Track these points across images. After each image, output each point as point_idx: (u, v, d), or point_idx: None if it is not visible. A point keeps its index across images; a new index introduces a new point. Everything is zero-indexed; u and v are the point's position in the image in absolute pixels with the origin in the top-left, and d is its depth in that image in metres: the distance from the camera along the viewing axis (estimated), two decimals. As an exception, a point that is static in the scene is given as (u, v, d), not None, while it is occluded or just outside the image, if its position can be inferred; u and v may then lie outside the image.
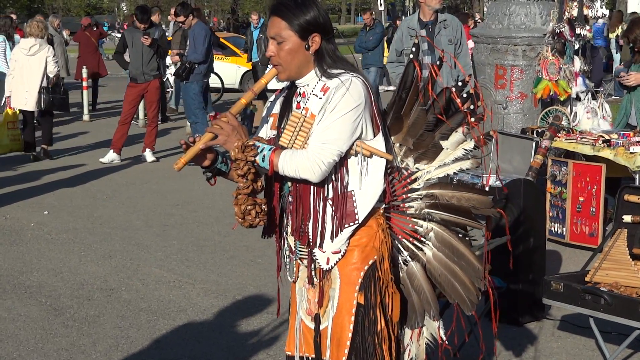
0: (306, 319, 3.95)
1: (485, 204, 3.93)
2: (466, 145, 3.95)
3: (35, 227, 9.69)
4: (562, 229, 8.51)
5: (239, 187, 3.72)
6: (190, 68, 13.63)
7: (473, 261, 3.93)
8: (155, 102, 13.91)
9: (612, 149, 8.29)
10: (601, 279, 5.86)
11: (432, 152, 3.97)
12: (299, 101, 3.81)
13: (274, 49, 3.74)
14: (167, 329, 6.61)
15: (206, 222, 9.88)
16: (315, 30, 3.71)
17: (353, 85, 3.65)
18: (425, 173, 3.96)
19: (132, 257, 8.48)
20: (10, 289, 7.55)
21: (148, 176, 12.68)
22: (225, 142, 3.70)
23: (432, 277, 3.96)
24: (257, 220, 3.74)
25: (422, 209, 3.93)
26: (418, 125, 3.95)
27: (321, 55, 3.75)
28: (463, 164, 3.96)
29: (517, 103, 10.26)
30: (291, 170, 3.66)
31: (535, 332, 6.50)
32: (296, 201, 3.80)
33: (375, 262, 3.81)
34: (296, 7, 3.71)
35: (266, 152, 3.69)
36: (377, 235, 3.81)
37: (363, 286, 3.80)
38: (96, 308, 7.05)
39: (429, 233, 3.95)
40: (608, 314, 5.61)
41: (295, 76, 3.79)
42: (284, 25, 3.71)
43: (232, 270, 8.03)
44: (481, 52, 10.66)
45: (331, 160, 3.64)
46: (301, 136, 3.71)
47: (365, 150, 3.72)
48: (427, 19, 9.85)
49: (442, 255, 3.94)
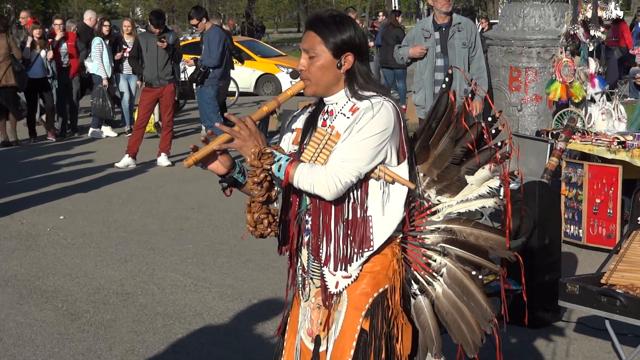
0: (306, 340, 3.85)
1: (501, 245, 3.83)
2: (491, 182, 3.83)
3: (51, 231, 9.72)
4: (578, 231, 8.49)
5: (253, 194, 3.64)
6: (205, 72, 13.64)
7: (482, 302, 3.82)
8: (171, 107, 13.93)
9: (627, 150, 8.26)
10: (617, 280, 5.84)
11: (456, 185, 3.87)
12: (325, 119, 3.73)
13: (305, 63, 3.68)
14: (183, 333, 6.62)
15: (222, 225, 9.89)
16: (350, 49, 3.64)
17: (383, 108, 3.57)
18: (446, 207, 3.86)
19: (148, 261, 8.51)
20: (26, 293, 7.58)
21: (163, 180, 12.71)
22: (242, 146, 3.63)
23: (439, 314, 3.85)
24: (269, 230, 3.67)
25: (438, 242, 3.84)
26: (445, 156, 3.85)
27: (353, 76, 3.67)
28: (486, 202, 3.84)
29: (532, 105, 10.25)
30: (306, 184, 3.58)
31: (551, 334, 6.49)
32: (317, 218, 3.70)
33: (385, 290, 3.71)
34: (334, 24, 3.65)
35: (283, 162, 3.61)
36: (392, 264, 3.72)
37: (370, 312, 3.69)
38: (112, 312, 7.07)
39: (442, 269, 3.84)
40: (624, 315, 5.59)
41: (322, 93, 3.72)
42: (318, 41, 3.64)
43: (248, 274, 8.04)
44: (495, 54, 10.65)
45: (348, 180, 3.55)
46: (324, 154, 3.63)
47: (387, 176, 3.63)
48: (440, 22, 9.83)
49: (452, 293, 3.83)
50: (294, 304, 3.98)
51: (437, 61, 9.79)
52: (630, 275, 5.85)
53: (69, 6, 65.52)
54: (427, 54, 9.78)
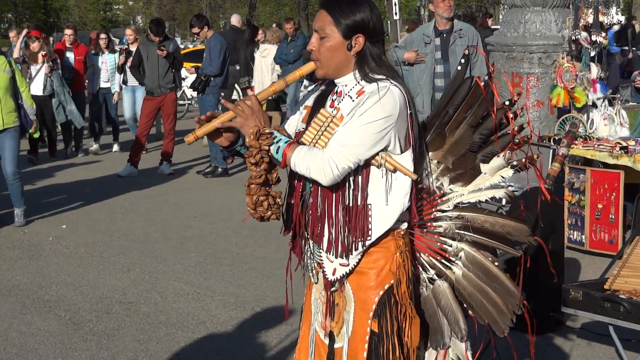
0: (320, 332, 3.84)
1: (522, 231, 3.81)
2: (505, 172, 3.81)
3: (53, 241, 9.72)
4: (581, 237, 8.48)
5: (251, 175, 3.58)
6: (206, 81, 13.65)
7: (508, 285, 3.79)
8: (172, 115, 13.93)
9: (629, 155, 8.26)
10: (620, 286, 5.84)
11: (469, 174, 3.84)
12: (334, 99, 3.67)
13: (316, 43, 3.62)
14: (186, 342, 6.61)
15: (224, 234, 9.88)
16: (361, 31, 3.56)
17: (389, 93, 3.48)
18: (458, 196, 3.83)
19: (151, 270, 8.50)
20: (29, 303, 7.57)
21: (165, 189, 12.71)
22: (243, 125, 3.58)
23: (460, 296, 3.83)
24: (269, 212, 3.61)
25: (452, 230, 3.81)
26: (462, 144, 3.83)
27: (363, 58, 3.59)
28: (496, 192, 3.83)
29: (534, 111, 10.24)
30: (302, 168, 3.52)
31: (555, 340, 6.48)
32: (316, 203, 3.65)
33: (392, 286, 3.65)
34: (347, 5, 3.56)
35: (282, 143, 3.55)
36: (395, 258, 3.65)
37: (377, 313, 3.65)
38: (115, 321, 7.07)
39: (459, 253, 3.81)
40: (627, 321, 5.57)
41: (333, 74, 3.65)
42: (329, 21, 3.57)
43: (251, 282, 8.03)
44: (497, 60, 10.64)
45: (345, 166, 3.48)
46: (325, 136, 3.56)
47: (389, 164, 3.56)
48: (442, 28, 9.83)
49: (473, 276, 3.81)
50: (307, 293, 3.95)
51: (437, 67, 9.78)
52: (633, 280, 5.84)
53: (69, 15, 65.61)
54: (427, 60, 9.77)
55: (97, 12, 69.77)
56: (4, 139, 10.18)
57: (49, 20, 62.21)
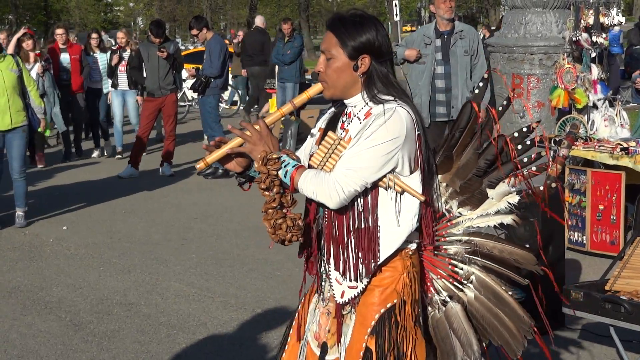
0: (312, 342, 3.80)
1: (528, 260, 3.82)
2: (511, 198, 3.80)
3: (54, 242, 9.72)
4: (582, 238, 8.48)
5: (266, 200, 3.58)
6: (206, 82, 13.64)
7: (518, 311, 3.80)
8: (173, 116, 13.93)
9: (630, 156, 8.26)
10: (621, 287, 5.83)
11: (477, 198, 3.83)
12: (344, 121, 3.65)
13: (323, 64, 3.60)
14: (187, 343, 6.61)
15: (225, 235, 9.88)
16: (367, 52, 3.53)
17: (395, 115, 3.45)
18: (466, 220, 3.82)
19: (152, 271, 8.50)
20: (30, 304, 7.57)
21: (166, 190, 12.71)
22: (252, 150, 3.58)
23: (473, 318, 3.80)
24: (289, 235, 3.58)
25: (462, 253, 3.80)
26: (468, 168, 3.82)
27: (370, 78, 3.56)
28: (504, 219, 3.81)
29: (535, 112, 10.23)
30: (309, 191, 3.51)
31: (556, 341, 6.47)
32: (329, 225, 3.62)
33: (394, 306, 3.61)
34: (353, 25, 3.55)
35: (289, 167, 3.54)
36: (402, 278, 3.61)
37: (375, 330, 3.60)
38: (116, 323, 7.07)
39: (470, 277, 3.80)
40: (629, 322, 5.57)
41: (340, 95, 3.63)
42: (335, 42, 3.55)
43: (251, 283, 8.03)
44: (497, 61, 10.64)
45: (352, 190, 3.46)
46: (333, 159, 3.53)
47: (397, 186, 3.53)
48: (443, 29, 9.83)
49: (485, 299, 3.80)
50: (304, 302, 3.93)
51: (437, 68, 9.78)
52: (634, 282, 5.84)
53: (70, 17, 65.62)
54: (427, 61, 9.77)
55: (98, 13, 69.77)
56: (13, 138, 10.23)
57: (49, 21, 62.10)
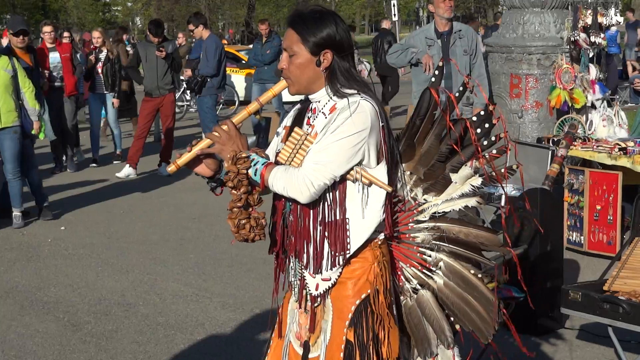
0: (295, 343, 3.85)
1: (494, 242, 3.84)
2: (473, 181, 3.82)
3: (52, 242, 9.72)
4: (580, 238, 8.48)
5: (232, 199, 3.63)
6: (203, 82, 13.64)
7: (486, 293, 3.82)
8: (171, 116, 13.94)
9: (628, 156, 8.26)
10: (619, 287, 5.83)
11: (441, 184, 3.85)
12: (309, 117, 3.70)
13: (286, 61, 3.64)
14: (185, 344, 6.61)
15: (223, 235, 9.87)
16: (329, 46, 3.57)
17: (360, 108, 3.49)
18: (431, 206, 3.85)
19: (150, 271, 8.49)
20: (28, 305, 7.57)
21: (164, 190, 12.71)
22: (221, 150, 3.63)
23: (444, 305, 3.85)
24: (252, 234, 3.66)
25: (429, 240, 3.84)
26: (430, 154, 3.84)
27: (333, 73, 3.60)
28: (469, 201, 3.84)
29: (533, 112, 10.24)
30: (279, 188, 3.55)
31: (554, 342, 6.47)
32: (296, 220, 3.67)
33: (368, 296, 3.65)
34: (313, 21, 3.58)
35: (259, 165, 3.58)
36: (372, 268, 3.66)
37: (353, 322, 3.64)
38: (114, 323, 7.06)
39: (439, 263, 3.84)
40: (627, 322, 5.57)
41: (304, 91, 3.67)
42: (296, 39, 3.59)
43: (250, 284, 8.02)
44: (496, 61, 10.65)
45: (321, 183, 3.49)
46: (300, 154, 3.58)
47: (364, 178, 3.57)
48: (442, 29, 9.83)
49: (454, 285, 3.83)
50: (284, 302, 3.98)
51: (442, 83, 9.76)
52: (632, 282, 5.84)
53: (68, 16, 65.60)
54: None
55: (96, 13, 69.70)
56: (4, 138, 10.20)
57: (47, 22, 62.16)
